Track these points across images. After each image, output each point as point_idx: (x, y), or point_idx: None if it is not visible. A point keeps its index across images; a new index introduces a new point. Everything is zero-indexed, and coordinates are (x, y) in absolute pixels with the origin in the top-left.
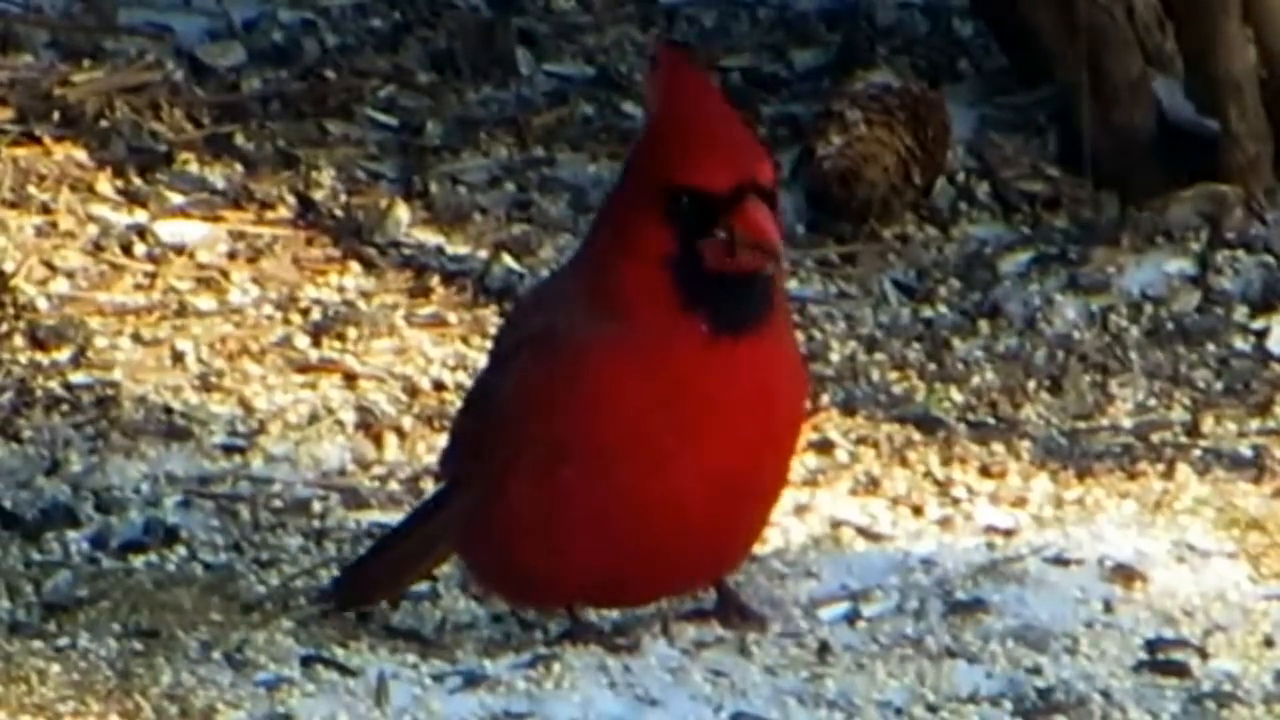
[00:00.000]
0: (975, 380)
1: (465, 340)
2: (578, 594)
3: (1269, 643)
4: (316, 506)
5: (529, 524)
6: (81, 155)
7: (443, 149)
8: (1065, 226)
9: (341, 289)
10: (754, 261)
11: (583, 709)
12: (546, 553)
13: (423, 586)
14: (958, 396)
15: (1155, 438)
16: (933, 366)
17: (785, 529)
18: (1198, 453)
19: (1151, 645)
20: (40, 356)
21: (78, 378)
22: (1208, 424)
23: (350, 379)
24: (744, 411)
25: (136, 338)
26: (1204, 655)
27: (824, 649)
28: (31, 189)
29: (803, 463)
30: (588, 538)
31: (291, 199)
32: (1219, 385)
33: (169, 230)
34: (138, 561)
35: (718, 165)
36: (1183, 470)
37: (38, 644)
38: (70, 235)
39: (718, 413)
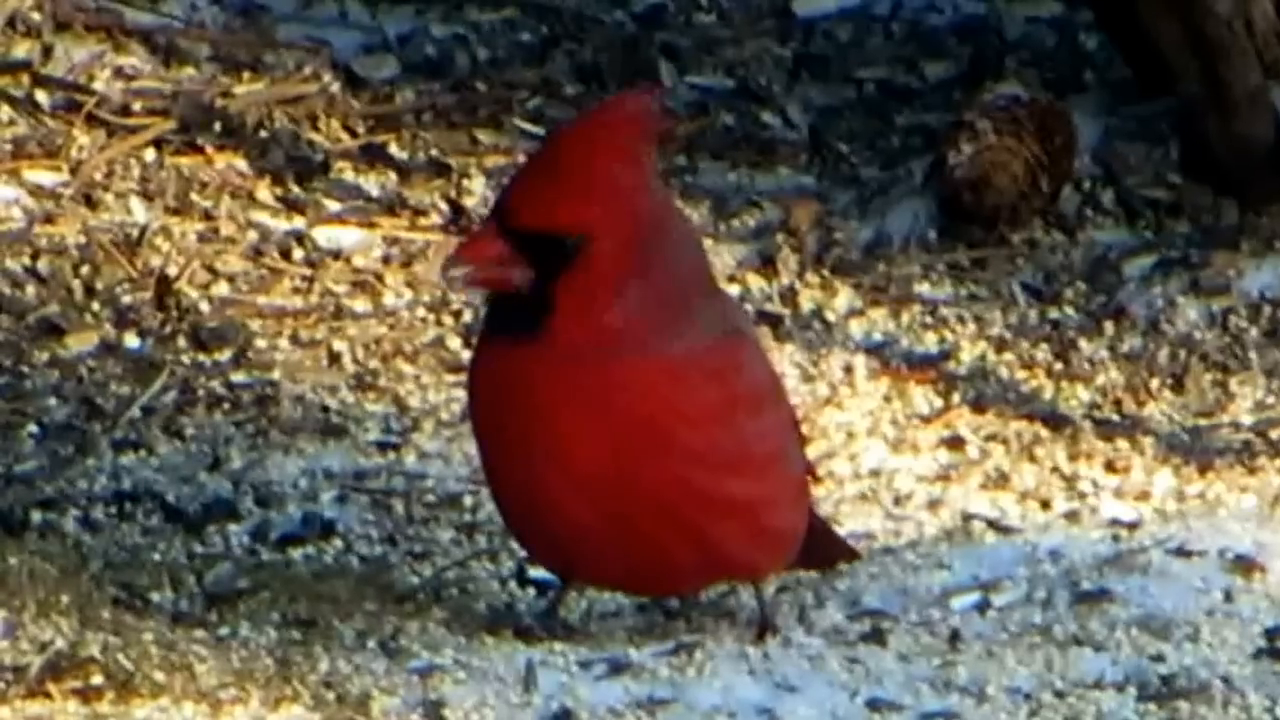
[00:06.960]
0: (1100, 379)
1: None
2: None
3: None
4: (468, 501)
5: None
6: (242, 164)
7: None
8: (1187, 231)
9: None
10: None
11: (724, 695)
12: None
13: None
14: (1084, 394)
15: (1274, 434)
16: (1059, 365)
17: (919, 522)
18: None
19: (1270, 633)
20: (202, 357)
21: (238, 377)
22: None
23: None
24: (568, 416)
25: (295, 339)
26: None
27: (955, 637)
28: (194, 196)
29: (935, 458)
30: (519, 530)
31: (443, 205)
32: None
33: (326, 236)
34: (296, 554)
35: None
36: None
37: (200, 633)
38: (231, 241)
39: (538, 416)
